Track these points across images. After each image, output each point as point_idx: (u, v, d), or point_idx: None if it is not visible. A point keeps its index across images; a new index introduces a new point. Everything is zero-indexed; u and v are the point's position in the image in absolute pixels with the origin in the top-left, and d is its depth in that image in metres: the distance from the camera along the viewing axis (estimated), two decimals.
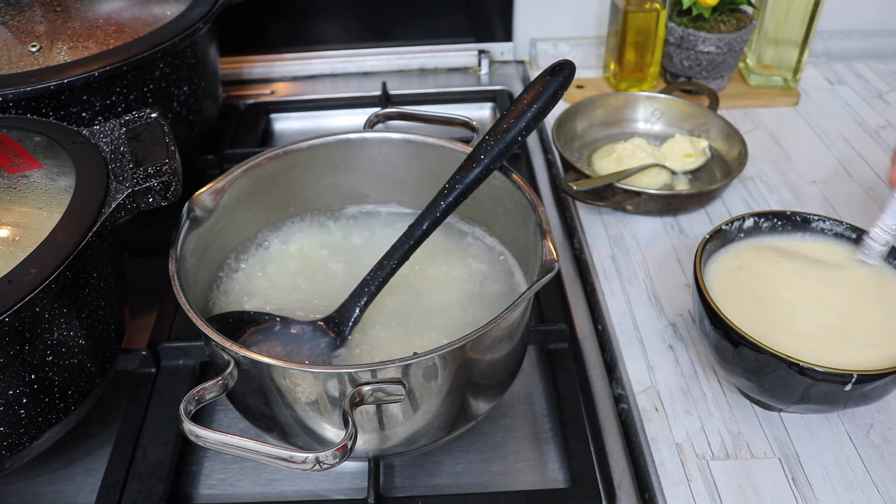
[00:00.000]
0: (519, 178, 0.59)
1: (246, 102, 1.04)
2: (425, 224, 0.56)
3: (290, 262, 0.65)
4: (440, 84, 1.08)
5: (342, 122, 1.03)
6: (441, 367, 0.49)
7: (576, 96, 0.98)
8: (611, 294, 0.71)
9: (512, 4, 1.08)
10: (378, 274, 0.57)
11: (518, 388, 0.65)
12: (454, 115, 0.66)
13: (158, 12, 0.81)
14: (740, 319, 0.54)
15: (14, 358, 0.48)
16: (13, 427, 0.50)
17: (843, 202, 0.81)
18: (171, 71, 0.77)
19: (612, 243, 0.77)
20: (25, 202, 0.54)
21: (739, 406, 0.60)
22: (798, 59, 0.97)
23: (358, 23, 1.09)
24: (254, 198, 0.64)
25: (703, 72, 0.96)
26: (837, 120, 0.96)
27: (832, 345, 0.54)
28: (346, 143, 0.66)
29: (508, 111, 0.56)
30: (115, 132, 0.61)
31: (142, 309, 0.71)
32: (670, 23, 0.95)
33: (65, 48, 0.76)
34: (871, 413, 0.59)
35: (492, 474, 0.59)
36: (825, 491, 0.54)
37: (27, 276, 0.47)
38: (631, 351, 0.65)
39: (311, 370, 0.46)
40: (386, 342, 0.57)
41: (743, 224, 0.62)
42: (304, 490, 0.58)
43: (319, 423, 0.51)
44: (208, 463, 0.60)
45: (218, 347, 0.47)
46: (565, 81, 0.56)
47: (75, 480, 0.59)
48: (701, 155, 0.84)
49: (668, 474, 0.56)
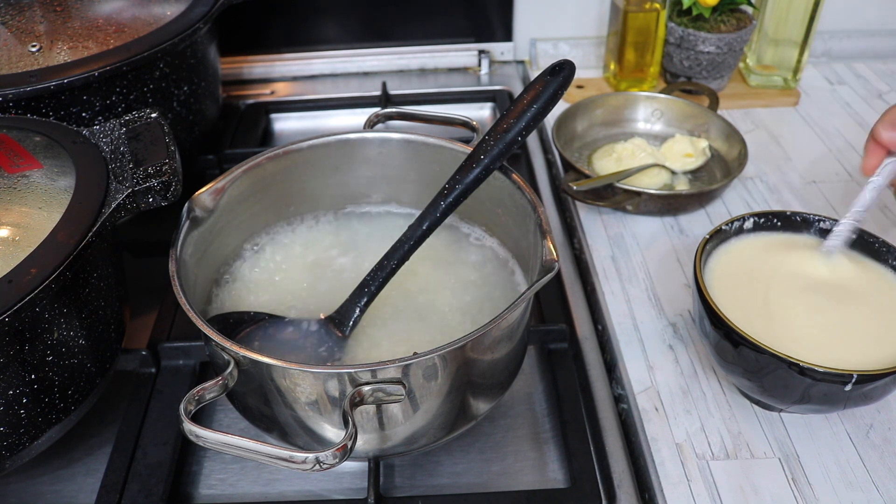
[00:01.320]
0: (519, 178, 0.59)
1: (246, 102, 1.04)
2: (425, 224, 0.56)
3: (290, 263, 0.65)
4: (440, 84, 1.08)
5: (342, 122, 1.03)
6: (441, 367, 0.49)
7: (576, 96, 0.98)
8: (611, 294, 0.71)
9: (512, 4, 1.08)
10: (378, 274, 0.57)
11: (518, 388, 0.65)
12: (454, 115, 0.66)
13: (158, 12, 0.81)
14: (740, 319, 0.54)
15: (14, 358, 0.48)
16: (13, 427, 0.50)
17: (843, 202, 0.81)
18: (171, 71, 0.77)
19: (612, 243, 0.77)
20: (25, 202, 0.54)
21: (739, 406, 0.60)
22: (798, 59, 0.97)
23: (358, 23, 1.09)
24: (254, 198, 0.64)
25: (703, 72, 0.96)
26: (837, 120, 0.96)
27: (832, 345, 0.54)
28: (346, 143, 0.66)
29: (508, 111, 0.56)
30: (115, 132, 0.61)
31: (142, 309, 0.71)
32: (670, 23, 0.95)
33: (65, 48, 0.76)
34: (871, 413, 0.59)
35: (492, 474, 0.59)
36: (825, 491, 0.54)
37: (27, 276, 0.47)
38: (631, 351, 0.65)
39: (311, 370, 0.46)
40: (386, 342, 0.57)
41: (743, 224, 0.62)
42: (304, 490, 0.58)
43: (319, 423, 0.51)
44: (208, 463, 0.60)
45: (218, 347, 0.47)
46: (565, 81, 0.56)
47: (75, 480, 0.59)
48: (701, 155, 0.84)
49: (668, 474, 0.56)
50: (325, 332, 0.57)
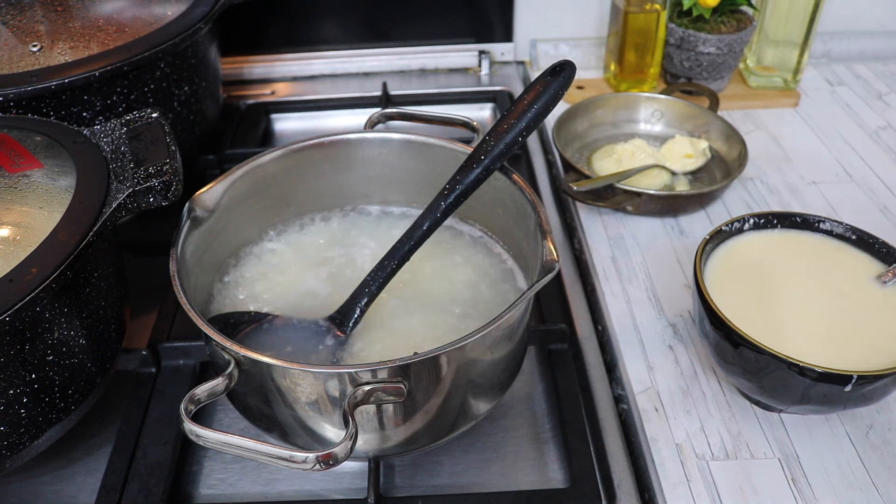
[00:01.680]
0: (519, 179, 0.59)
1: (246, 102, 1.04)
2: (425, 225, 0.56)
3: (290, 263, 0.65)
4: (440, 84, 1.08)
5: (342, 123, 1.03)
6: (441, 368, 0.49)
7: (576, 97, 0.98)
8: (611, 294, 0.71)
9: (512, 5, 1.08)
10: (379, 275, 0.57)
11: (518, 388, 0.65)
12: (454, 115, 0.66)
13: (159, 12, 0.82)
14: (740, 320, 0.54)
15: (14, 358, 0.48)
16: (13, 427, 0.50)
17: (843, 203, 0.81)
18: (171, 71, 0.77)
19: (612, 244, 0.77)
20: (26, 202, 0.54)
21: (739, 406, 0.60)
22: (798, 60, 0.97)
23: (358, 23, 1.09)
24: (254, 198, 0.64)
25: (703, 73, 0.96)
26: (837, 121, 0.96)
27: (832, 345, 0.54)
28: (346, 143, 0.66)
29: (509, 112, 0.56)
30: (115, 132, 0.61)
31: (142, 309, 0.71)
32: (671, 24, 0.95)
33: (66, 48, 0.76)
34: (870, 414, 0.59)
35: (492, 474, 0.59)
36: (825, 491, 0.54)
37: (28, 275, 0.47)
38: (631, 351, 0.65)
39: (312, 370, 0.46)
40: (386, 342, 0.57)
41: (743, 225, 0.62)
42: (304, 490, 0.58)
43: (319, 423, 0.51)
44: (208, 463, 0.60)
45: (218, 347, 0.47)
46: (565, 82, 0.56)
47: (75, 480, 0.59)
48: (701, 156, 0.84)
49: (668, 474, 0.56)
50: (326, 332, 0.57)
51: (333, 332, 0.57)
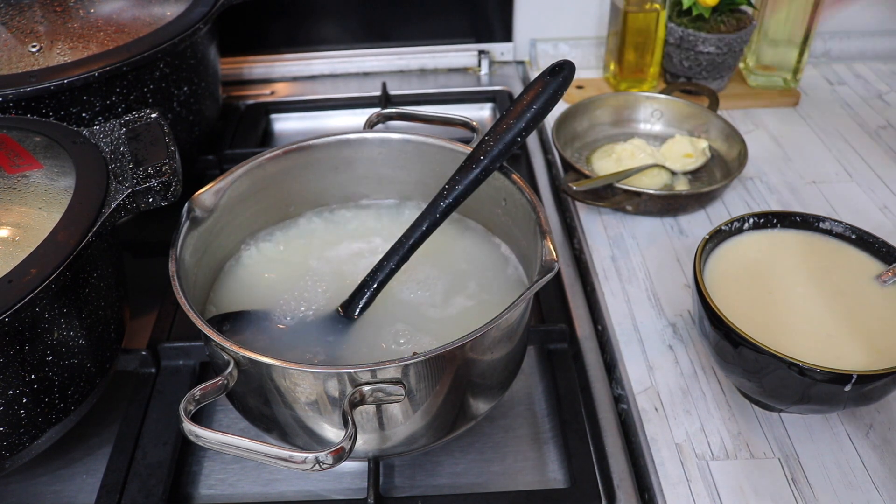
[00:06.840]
0: (519, 179, 0.59)
1: (246, 103, 1.04)
2: (425, 225, 0.56)
3: (289, 263, 0.65)
4: (440, 84, 1.08)
5: (342, 123, 1.03)
6: (441, 368, 0.49)
7: (576, 97, 0.98)
8: (611, 294, 0.71)
9: (512, 5, 1.08)
10: (378, 275, 0.57)
11: (518, 388, 0.65)
12: (454, 115, 0.66)
13: (158, 13, 0.82)
14: (740, 320, 0.54)
15: (14, 358, 0.48)
16: (13, 427, 0.50)
17: (843, 202, 0.81)
18: (171, 71, 0.77)
19: (612, 243, 0.77)
20: (25, 202, 0.54)
21: (739, 406, 0.60)
22: (798, 59, 0.97)
23: (358, 23, 1.09)
24: (254, 198, 0.64)
25: (702, 72, 0.96)
26: (837, 120, 0.96)
27: (832, 345, 0.54)
28: (346, 143, 0.66)
29: (508, 112, 0.56)
30: (115, 132, 0.61)
31: (142, 309, 0.71)
32: (670, 23, 0.95)
33: (65, 48, 0.76)
34: (870, 413, 0.59)
35: (492, 474, 0.59)
36: (825, 491, 0.54)
37: (27, 276, 0.47)
38: (631, 351, 0.65)
39: (311, 370, 0.46)
40: (385, 342, 0.57)
41: (743, 224, 0.62)
42: (304, 490, 0.58)
43: (319, 423, 0.51)
44: (208, 463, 0.60)
45: (218, 347, 0.47)
46: (565, 82, 0.56)
47: (75, 480, 0.59)
48: (701, 155, 0.84)
49: (668, 474, 0.56)
50: (325, 332, 0.57)
51: (332, 332, 0.57)
